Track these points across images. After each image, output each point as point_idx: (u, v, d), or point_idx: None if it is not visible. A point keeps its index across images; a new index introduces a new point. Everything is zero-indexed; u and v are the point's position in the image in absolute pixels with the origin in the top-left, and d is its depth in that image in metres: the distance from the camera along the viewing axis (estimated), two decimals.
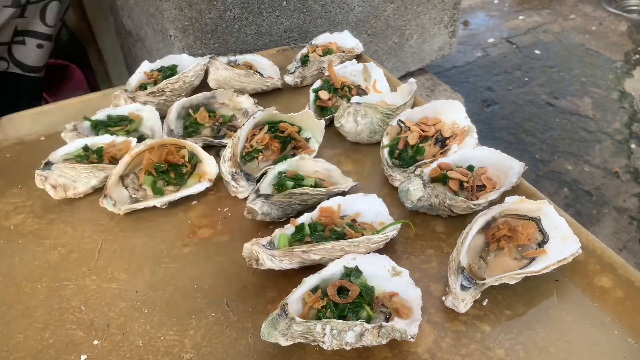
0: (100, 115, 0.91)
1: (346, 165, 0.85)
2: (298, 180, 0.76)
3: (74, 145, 0.83)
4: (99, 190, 0.81)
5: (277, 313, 0.56)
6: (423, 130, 0.82)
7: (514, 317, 0.61)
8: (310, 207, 0.74)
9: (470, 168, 0.76)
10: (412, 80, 0.92)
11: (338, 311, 0.58)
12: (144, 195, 0.79)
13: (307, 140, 0.87)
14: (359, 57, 1.09)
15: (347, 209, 0.72)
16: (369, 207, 0.72)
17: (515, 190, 0.74)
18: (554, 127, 2.19)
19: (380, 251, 0.66)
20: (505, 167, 0.76)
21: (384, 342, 0.55)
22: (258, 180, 0.79)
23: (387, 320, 0.59)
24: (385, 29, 1.51)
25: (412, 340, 0.55)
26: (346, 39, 1.12)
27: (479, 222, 0.65)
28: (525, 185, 0.76)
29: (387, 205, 0.73)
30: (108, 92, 1.02)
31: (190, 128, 0.91)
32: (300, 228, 0.67)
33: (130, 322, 0.63)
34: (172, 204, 0.78)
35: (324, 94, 0.95)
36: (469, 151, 0.77)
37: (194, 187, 0.79)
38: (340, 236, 0.66)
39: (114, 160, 0.82)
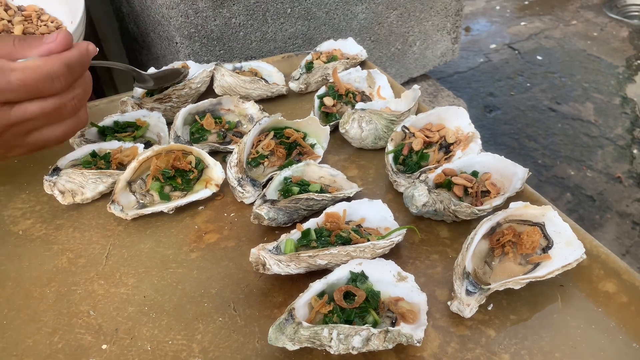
0: (108, 121, 0.92)
1: (351, 171, 0.86)
2: (304, 185, 0.76)
3: (82, 151, 0.84)
4: (106, 196, 0.82)
5: (284, 317, 0.56)
6: (427, 136, 0.83)
7: (519, 321, 0.61)
8: (316, 213, 0.75)
9: (475, 174, 0.77)
10: (415, 86, 0.93)
11: (344, 316, 0.58)
12: (151, 200, 0.80)
13: (312, 146, 0.88)
14: (363, 64, 1.10)
15: (352, 214, 0.73)
16: (374, 213, 0.73)
17: (519, 195, 0.75)
18: (556, 133, 2.20)
19: (385, 256, 0.67)
20: (509, 172, 0.76)
21: (390, 346, 0.55)
22: (264, 186, 0.80)
23: (393, 325, 0.59)
24: (388, 35, 1.52)
25: (418, 344, 0.56)
26: (350, 46, 1.13)
27: (483, 227, 0.66)
28: (529, 191, 0.76)
29: (392, 211, 0.73)
30: (115, 98, 1.03)
31: (197, 134, 0.91)
32: (306, 233, 0.68)
33: (138, 326, 0.63)
34: (179, 210, 0.79)
35: (328, 100, 0.96)
36: (473, 157, 0.78)
37: (201, 193, 0.79)
38: (346, 241, 0.67)
39: (122, 166, 0.83)
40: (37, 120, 0.57)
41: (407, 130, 0.84)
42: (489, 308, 0.63)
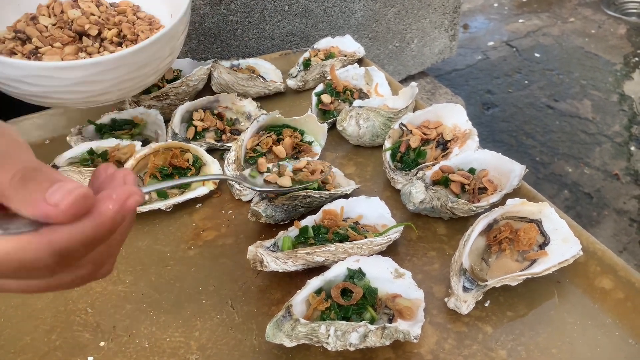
0: (105, 119, 0.92)
1: (348, 168, 0.86)
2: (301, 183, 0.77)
3: (80, 148, 0.84)
4: None
5: (281, 314, 0.57)
6: (425, 134, 0.83)
7: (515, 318, 0.62)
8: (314, 210, 0.75)
9: (472, 171, 0.77)
10: (413, 83, 0.93)
11: (342, 313, 0.58)
12: (148, 198, 0.80)
13: (310, 143, 0.88)
14: (360, 61, 1.10)
15: (350, 211, 0.73)
16: (372, 210, 0.73)
17: (516, 192, 0.75)
18: (554, 130, 2.20)
19: (383, 253, 0.67)
20: (506, 169, 0.76)
21: (387, 343, 0.55)
22: None
23: (390, 321, 0.59)
24: (386, 32, 1.52)
25: (415, 341, 0.56)
26: (348, 43, 1.13)
27: (480, 224, 0.66)
28: (526, 188, 0.76)
29: (389, 208, 0.73)
30: None
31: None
32: (303, 230, 0.68)
33: (136, 324, 0.63)
34: (177, 207, 0.79)
35: (326, 98, 0.96)
36: (470, 154, 0.78)
37: (198, 190, 0.79)
38: (344, 238, 0.67)
39: (119, 164, 0.83)
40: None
41: (404, 128, 0.84)
42: (486, 304, 0.63)
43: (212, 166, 0.82)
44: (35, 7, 0.86)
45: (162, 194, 0.79)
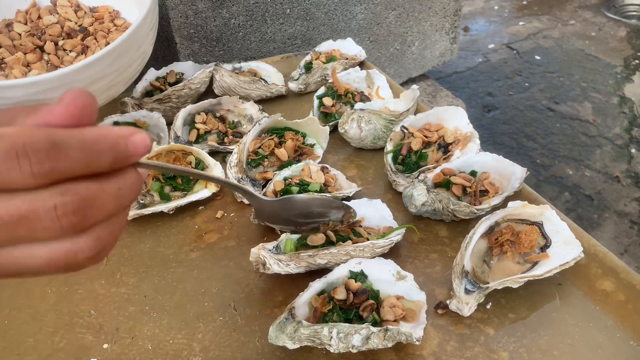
0: (107, 122, 0.92)
1: (350, 171, 0.86)
2: (303, 185, 0.77)
3: None
4: None
5: (284, 317, 0.57)
6: (426, 136, 0.83)
7: (517, 320, 0.62)
8: None
9: (473, 173, 0.77)
10: (414, 86, 0.93)
11: (344, 315, 0.59)
12: (151, 200, 0.80)
13: (312, 146, 0.88)
14: (362, 64, 1.11)
15: None
16: (374, 212, 0.73)
17: (517, 195, 0.75)
18: (554, 132, 2.21)
19: (385, 255, 0.67)
20: (507, 172, 0.77)
21: (389, 345, 0.56)
22: (264, 186, 0.80)
23: None
24: (387, 35, 1.53)
25: (417, 343, 0.56)
26: (349, 46, 1.13)
27: (482, 226, 0.66)
28: (528, 190, 0.77)
29: (391, 210, 0.74)
30: (115, 99, 1.03)
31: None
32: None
33: (139, 326, 0.64)
34: (179, 210, 0.79)
35: (327, 101, 0.96)
36: (471, 157, 0.78)
37: (201, 193, 0.80)
38: (346, 241, 0.67)
39: None
40: None
41: (406, 130, 0.85)
42: (488, 307, 0.63)
43: (215, 169, 0.82)
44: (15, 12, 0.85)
45: (165, 197, 0.80)
